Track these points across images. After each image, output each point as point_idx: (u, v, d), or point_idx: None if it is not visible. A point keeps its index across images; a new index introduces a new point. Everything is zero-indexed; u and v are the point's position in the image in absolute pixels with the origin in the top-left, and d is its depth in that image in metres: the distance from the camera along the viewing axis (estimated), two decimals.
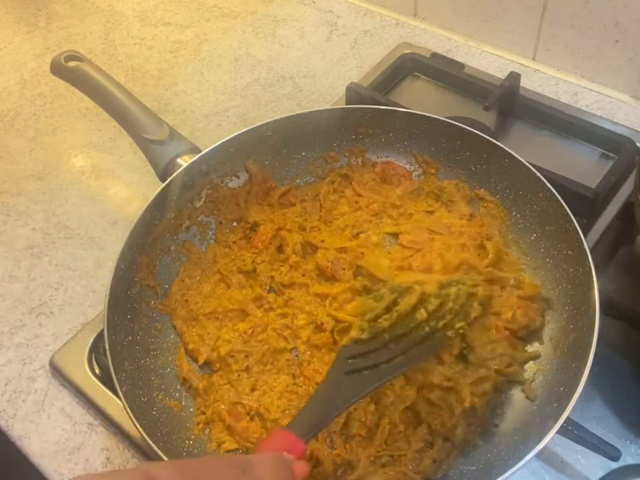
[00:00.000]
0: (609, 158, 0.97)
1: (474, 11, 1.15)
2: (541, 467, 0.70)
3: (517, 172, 0.81)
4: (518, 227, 0.83)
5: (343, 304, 0.76)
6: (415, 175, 0.91)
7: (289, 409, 0.71)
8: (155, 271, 0.81)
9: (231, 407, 0.72)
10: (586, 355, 0.64)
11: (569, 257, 0.75)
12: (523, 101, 1.02)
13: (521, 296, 0.76)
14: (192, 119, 1.12)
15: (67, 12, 1.36)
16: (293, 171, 0.92)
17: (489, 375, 0.70)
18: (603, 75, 1.07)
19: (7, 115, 1.16)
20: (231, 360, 0.74)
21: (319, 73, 1.17)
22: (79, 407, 0.79)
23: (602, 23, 1.01)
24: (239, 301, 0.79)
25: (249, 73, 1.19)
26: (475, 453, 0.68)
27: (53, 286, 0.91)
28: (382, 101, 1.00)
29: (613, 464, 0.68)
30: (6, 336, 0.86)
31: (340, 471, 0.67)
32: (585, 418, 0.70)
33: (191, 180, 0.84)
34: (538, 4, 1.06)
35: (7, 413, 0.79)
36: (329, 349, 0.74)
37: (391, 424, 0.68)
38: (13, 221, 0.99)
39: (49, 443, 0.77)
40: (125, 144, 1.07)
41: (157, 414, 0.70)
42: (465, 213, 0.85)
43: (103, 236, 0.96)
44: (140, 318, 0.77)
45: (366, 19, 1.26)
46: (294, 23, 1.28)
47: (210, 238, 0.87)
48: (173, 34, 1.29)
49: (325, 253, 0.81)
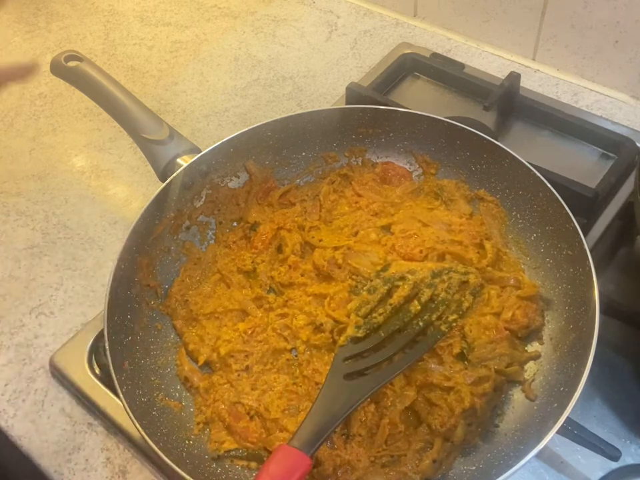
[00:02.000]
0: (608, 158, 0.97)
1: (474, 11, 1.15)
2: (541, 466, 0.70)
3: (516, 172, 0.81)
4: (518, 227, 0.83)
5: (340, 304, 0.76)
6: (415, 175, 0.91)
7: (288, 409, 0.71)
8: (155, 271, 0.81)
9: (230, 406, 0.72)
10: (586, 355, 0.64)
11: (569, 257, 0.75)
12: (522, 101, 1.02)
13: (520, 296, 0.76)
14: (192, 119, 1.12)
15: (67, 12, 1.36)
16: (293, 171, 0.92)
17: (489, 374, 0.70)
18: (603, 74, 1.07)
19: (6, 115, 1.16)
20: (231, 360, 0.74)
21: (319, 73, 1.17)
22: (79, 407, 0.79)
23: (602, 23, 1.01)
24: (239, 301, 0.79)
25: (249, 73, 1.19)
26: (474, 452, 0.68)
27: (53, 286, 0.91)
28: (382, 101, 1.00)
29: (613, 464, 0.68)
30: (6, 336, 0.86)
31: (340, 471, 0.67)
32: (585, 418, 0.71)
33: (191, 180, 0.84)
34: (538, 4, 1.06)
35: (7, 413, 0.79)
36: (329, 349, 0.74)
37: (391, 424, 0.68)
38: (13, 221, 0.99)
39: (49, 442, 0.77)
40: (125, 144, 1.07)
41: (156, 414, 0.70)
42: (465, 211, 0.85)
43: (103, 236, 0.96)
44: (140, 318, 0.77)
45: (366, 19, 1.26)
46: (294, 23, 1.28)
47: (210, 238, 0.87)
48: (172, 34, 1.29)
49: (322, 252, 0.81)
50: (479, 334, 0.73)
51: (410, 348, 0.67)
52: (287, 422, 0.69)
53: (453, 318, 0.69)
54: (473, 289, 0.73)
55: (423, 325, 0.69)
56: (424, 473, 0.66)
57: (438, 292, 0.71)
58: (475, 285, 0.73)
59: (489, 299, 0.76)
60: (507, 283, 0.77)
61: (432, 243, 0.80)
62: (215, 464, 0.69)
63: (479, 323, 0.74)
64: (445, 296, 0.71)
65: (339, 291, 0.77)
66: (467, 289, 0.72)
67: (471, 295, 0.72)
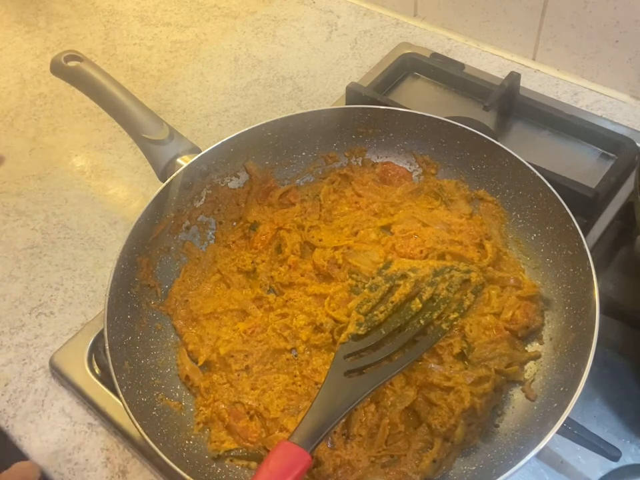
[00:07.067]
0: (608, 158, 0.97)
1: (474, 11, 1.15)
2: (541, 466, 0.70)
3: (516, 172, 0.81)
4: (518, 227, 0.83)
5: (341, 303, 0.76)
6: (415, 175, 0.91)
7: (288, 408, 0.71)
8: (155, 271, 0.81)
9: (230, 406, 0.72)
10: (586, 355, 0.64)
11: (569, 257, 0.75)
12: (522, 101, 1.02)
13: (520, 296, 0.76)
14: (192, 119, 1.12)
15: (67, 12, 1.36)
16: (293, 171, 0.92)
17: (489, 374, 0.70)
18: (603, 74, 1.07)
19: (7, 115, 1.16)
20: (231, 360, 0.74)
21: (319, 73, 1.17)
22: (79, 407, 0.79)
23: (602, 23, 1.01)
24: (239, 301, 0.79)
25: (249, 73, 1.19)
26: (474, 452, 0.68)
27: (53, 286, 0.91)
28: (382, 101, 1.00)
29: (613, 464, 0.68)
30: (6, 336, 0.86)
31: (340, 471, 0.67)
32: (585, 418, 0.71)
33: (191, 180, 0.84)
34: (538, 4, 1.06)
35: (6, 413, 0.79)
36: (329, 349, 0.74)
37: (391, 424, 0.68)
38: (13, 221, 0.99)
39: (49, 442, 0.77)
40: (125, 144, 1.07)
41: (156, 414, 0.70)
42: (465, 211, 0.85)
43: (103, 236, 0.96)
44: (140, 318, 0.77)
45: (366, 19, 1.26)
46: (294, 23, 1.28)
47: (210, 238, 0.87)
48: (172, 34, 1.29)
49: (322, 252, 0.81)
50: (479, 334, 0.73)
51: (410, 346, 0.67)
52: (286, 421, 0.69)
53: (454, 316, 0.70)
54: (475, 288, 0.73)
55: (423, 323, 0.69)
56: (424, 473, 0.66)
57: (439, 290, 0.71)
58: (477, 283, 0.73)
59: (489, 299, 0.76)
60: (507, 283, 0.77)
61: (432, 243, 0.80)
62: (215, 464, 0.69)
63: (479, 322, 0.74)
64: (446, 294, 0.71)
65: (338, 290, 0.77)
66: (469, 287, 0.72)
67: (473, 293, 0.72)
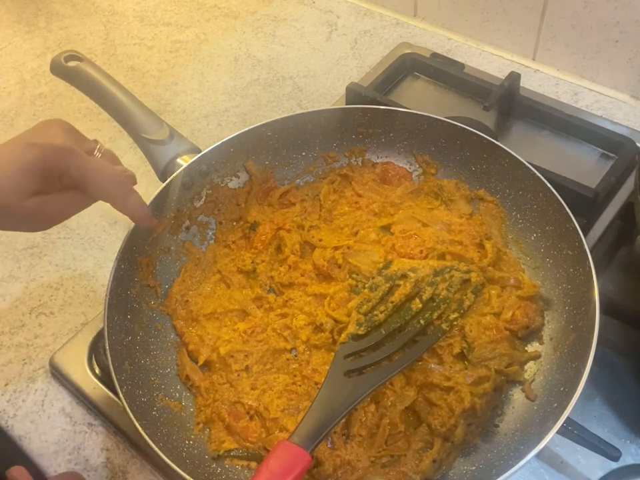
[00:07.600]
0: (608, 158, 0.97)
1: (474, 11, 1.15)
2: (541, 466, 0.70)
3: (516, 172, 0.81)
4: (518, 227, 0.83)
5: (341, 303, 0.76)
6: (415, 175, 0.91)
7: (288, 408, 0.71)
8: (154, 271, 0.81)
9: (230, 406, 0.72)
10: (586, 355, 0.64)
11: (569, 257, 0.75)
12: (523, 101, 1.02)
13: (520, 296, 0.76)
14: (192, 119, 1.12)
15: (67, 12, 1.36)
16: (293, 171, 0.92)
17: (489, 374, 0.70)
18: (603, 74, 1.07)
19: (7, 115, 1.16)
20: (231, 360, 0.74)
21: (319, 73, 1.17)
22: (79, 407, 0.79)
23: (602, 23, 1.01)
24: (239, 301, 0.79)
25: (249, 73, 1.19)
26: (474, 452, 0.68)
27: (52, 286, 0.91)
28: (382, 101, 1.00)
29: (613, 464, 0.68)
30: (6, 336, 0.86)
31: (340, 471, 0.67)
32: (585, 418, 0.71)
33: (191, 180, 0.84)
34: (538, 4, 1.06)
35: (6, 413, 0.79)
36: (329, 349, 0.74)
37: (391, 424, 0.68)
38: None
39: (49, 442, 0.77)
40: (125, 144, 1.07)
41: (156, 414, 0.70)
42: (465, 211, 0.85)
43: (102, 236, 0.96)
44: (140, 318, 0.77)
45: (366, 19, 1.26)
46: (294, 23, 1.28)
47: (210, 238, 0.87)
48: (172, 34, 1.29)
49: (322, 252, 0.81)
50: (479, 334, 0.73)
51: (410, 346, 0.67)
52: (286, 421, 0.69)
53: (454, 316, 0.70)
54: (475, 288, 0.73)
55: (423, 323, 0.69)
56: (424, 473, 0.66)
57: (439, 290, 0.71)
58: (477, 283, 0.73)
59: (489, 299, 0.76)
60: (507, 283, 0.77)
61: (432, 243, 0.80)
62: (215, 464, 0.69)
63: (479, 322, 0.74)
64: (446, 294, 0.71)
65: (339, 290, 0.77)
66: (469, 287, 0.72)
67: (473, 293, 0.72)
